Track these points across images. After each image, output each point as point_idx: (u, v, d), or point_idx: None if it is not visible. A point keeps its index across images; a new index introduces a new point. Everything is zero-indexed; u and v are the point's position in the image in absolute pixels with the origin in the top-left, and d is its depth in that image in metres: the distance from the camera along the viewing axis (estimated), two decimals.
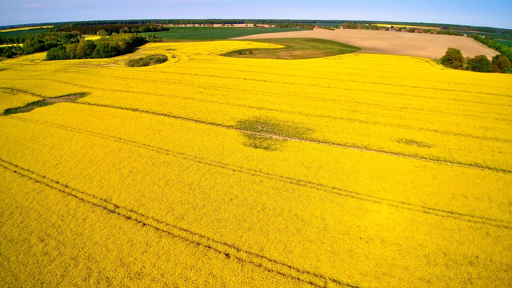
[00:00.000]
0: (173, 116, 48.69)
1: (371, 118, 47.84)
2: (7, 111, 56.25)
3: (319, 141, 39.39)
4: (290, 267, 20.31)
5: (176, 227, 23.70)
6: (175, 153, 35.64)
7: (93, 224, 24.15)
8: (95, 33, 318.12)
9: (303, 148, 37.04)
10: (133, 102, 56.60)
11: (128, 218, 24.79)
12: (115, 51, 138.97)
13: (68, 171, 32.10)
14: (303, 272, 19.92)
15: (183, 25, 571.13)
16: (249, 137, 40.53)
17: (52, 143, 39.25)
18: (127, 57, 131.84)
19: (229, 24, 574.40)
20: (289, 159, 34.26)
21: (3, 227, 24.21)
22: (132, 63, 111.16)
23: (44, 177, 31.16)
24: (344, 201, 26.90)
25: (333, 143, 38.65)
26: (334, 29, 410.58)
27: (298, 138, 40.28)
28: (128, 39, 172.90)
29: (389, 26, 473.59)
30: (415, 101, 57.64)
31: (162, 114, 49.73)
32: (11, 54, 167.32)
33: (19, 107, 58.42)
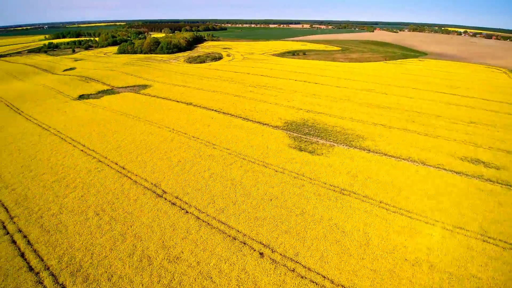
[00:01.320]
0: (223, 113, 50.41)
1: (432, 130, 43.39)
2: (81, 97, 64.36)
3: (369, 150, 37.05)
4: (324, 277, 19.47)
5: (215, 219, 24.45)
6: (221, 148, 36.84)
7: (143, 205, 26.23)
8: (161, 31, 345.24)
9: (351, 156, 35.23)
10: (188, 97, 60.12)
11: (173, 204, 26.37)
12: (176, 48, 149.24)
13: (127, 155, 35.41)
14: (338, 285, 18.93)
15: (240, 25, 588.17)
16: (294, 139, 39.97)
17: (115, 128, 43.74)
18: (186, 54, 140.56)
19: (285, 25, 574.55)
20: (334, 166, 32.89)
21: (66, 198, 27.69)
22: (190, 60, 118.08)
23: (105, 157, 34.90)
24: (391, 218, 24.86)
25: (385, 154, 36.00)
26: (397, 32, 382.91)
27: (346, 145, 38.44)
28: (189, 37, 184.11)
29: (461, 30, 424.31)
30: (486, 116, 50.67)
31: (212, 110, 51.84)
32: (88, 47, 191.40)
33: (90, 94, 66.37)
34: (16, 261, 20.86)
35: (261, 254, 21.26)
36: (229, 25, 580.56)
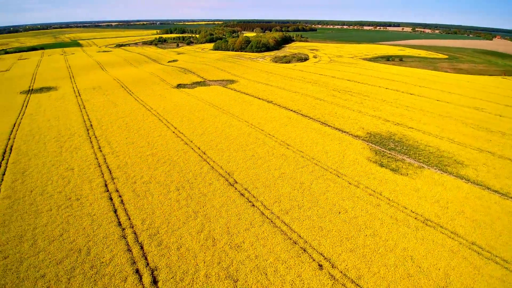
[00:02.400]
0: (301, 114, 49.97)
1: None
2: (179, 85, 73.06)
3: (468, 180, 31.19)
4: None
5: (279, 219, 24.52)
6: (294, 149, 36.63)
7: (216, 190, 28.25)
8: (252, 30, 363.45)
9: (443, 183, 30.31)
10: (269, 95, 61.77)
11: (242, 195, 27.57)
12: (265, 47, 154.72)
13: (208, 142, 38.67)
14: None
15: (331, 26, 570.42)
16: (376, 153, 36.70)
17: (202, 116, 48.24)
18: (273, 53, 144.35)
19: (381, 27, 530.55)
20: (421, 191, 28.87)
21: (156, 170, 31.88)
22: (276, 60, 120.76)
23: (191, 141, 38.89)
24: (482, 264, 20.43)
25: (489, 188, 29.71)
26: None
27: (439, 170, 33.25)
28: (278, 37, 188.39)
29: None
30: None
31: (291, 110, 51.93)
32: (189, 42, 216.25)
33: (186, 84, 74.69)
34: (110, 215, 25.19)
35: (320, 266, 20.34)
36: (320, 26, 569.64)
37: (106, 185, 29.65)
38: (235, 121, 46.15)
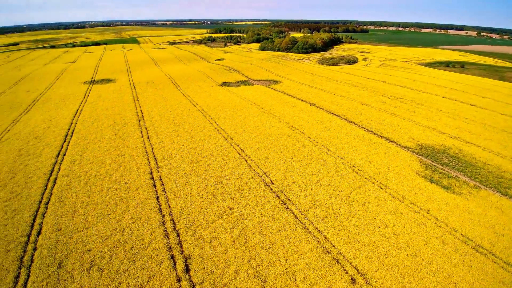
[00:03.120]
0: (345, 119, 48.05)
1: None
2: (223, 83, 75.14)
3: None
4: None
5: (313, 225, 23.89)
6: (335, 156, 35.36)
7: (251, 188, 28.50)
8: (300, 31, 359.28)
9: (501, 206, 26.81)
10: (312, 97, 60.51)
11: (277, 196, 27.43)
12: (311, 48, 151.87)
13: (248, 140, 39.18)
14: None
15: (385, 28, 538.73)
16: (426, 167, 33.78)
17: (244, 115, 49.03)
18: (320, 55, 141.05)
19: (442, 30, 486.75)
20: (474, 213, 25.88)
21: (196, 164, 33.17)
22: (323, 61, 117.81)
23: (231, 138, 39.77)
24: None
25: None
26: None
27: (498, 191, 29.47)
28: (325, 38, 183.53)
29: None
30: None
31: (334, 114, 50.24)
32: (236, 42, 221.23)
33: (231, 82, 76.51)
34: (152, 201, 26.84)
35: (353, 280, 19.34)
36: (372, 27, 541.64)
37: (151, 173, 31.72)
38: (276, 122, 46.06)
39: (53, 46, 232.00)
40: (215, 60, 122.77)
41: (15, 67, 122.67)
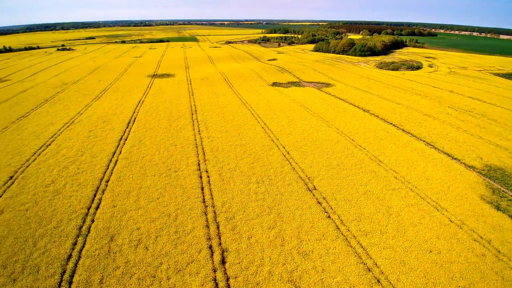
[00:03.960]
0: (402, 130, 44.44)
1: None
2: (274, 83, 75.32)
3: None
4: None
5: (355, 239, 22.61)
6: (387, 168, 32.94)
7: (293, 191, 28.10)
8: (358, 32, 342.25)
9: None
10: (366, 103, 57.25)
11: (319, 203, 26.58)
12: (370, 51, 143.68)
13: (294, 143, 38.70)
14: None
15: (457, 32, 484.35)
16: (493, 191, 29.53)
17: (292, 116, 48.55)
18: (379, 58, 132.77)
19: None
20: None
21: (241, 160, 33.81)
22: (382, 66, 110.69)
23: (277, 139, 39.70)
24: None
25: None
26: None
27: None
28: (387, 41, 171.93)
29: None
30: None
31: (390, 123, 46.80)
32: (290, 42, 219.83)
33: (281, 83, 76.33)
34: (197, 191, 28.12)
35: None
36: (442, 30, 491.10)
37: (199, 164, 33.32)
38: (325, 126, 44.65)
39: (123, 42, 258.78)
40: (268, 60, 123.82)
41: (91, 58, 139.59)
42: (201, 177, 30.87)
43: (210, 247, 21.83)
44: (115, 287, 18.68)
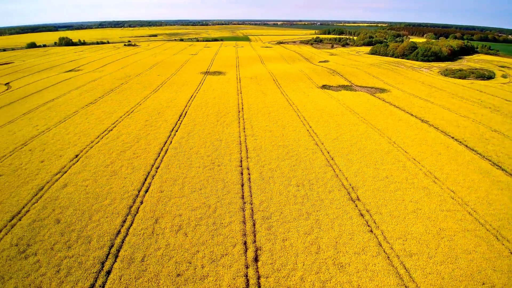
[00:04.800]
0: (465, 145, 39.74)
1: None
2: (323, 86, 73.22)
3: None
4: None
5: (398, 259, 20.86)
6: (443, 186, 29.74)
7: (334, 199, 26.99)
8: (422, 36, 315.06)
9: None
10: (426, 113, 52.41)
11: (361, 215, 25.13)
12: (434, 57, 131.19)
13: (340, 149, 37.17)
14: None
15: None
16: None
17: (339, 121, 46.69)
18: (444, 64, 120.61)
19: None
20: None
21: (283, 161, 33.52)
22: (447, 73, 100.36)
23: (322, 143, 38.54)
24: None
25: None
26: None
27: None
28: (455, 46, 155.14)
29: None
30: None
31: (452, 138, 42.15)
32: (344, 44, 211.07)
33: (331, 86, 73.86)
34: (237, 187, 28.69)
35: None
36: None
37: (241, 161, 33.98)
38: (375, 134, 42.02)
39: (181, 40, 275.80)
40: (319, 62, 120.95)
41: (152, 54, 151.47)
42: (242, 173, 31.44)
43: (245, 243, 22.12)
44: (155, 266, 20.02)
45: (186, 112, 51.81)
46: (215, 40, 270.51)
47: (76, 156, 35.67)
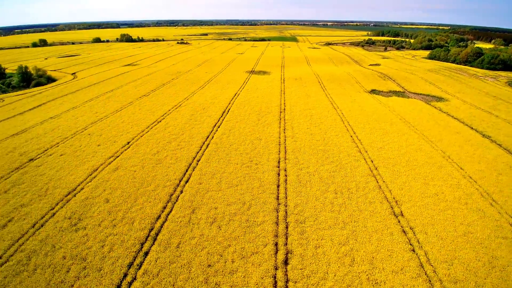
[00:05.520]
0: None
1: None
2: (372, 91, 69.40)
3: None
4: None
5: (440, 284, 18.92)
6: (501, 211, 26.18)
7: (374, 212, 25.46)
8: (489, 41, 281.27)
9: None
10: (488, 127, 46.65)
11: (404, 232, 23.32)
12: (502, 65, 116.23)
13: (385, 159, 34.89)
14: None
15: None
16: None
17: (387, 129, 43.85)
18: None
19: None
20: None
21: (322, 166, 32.49)
22: None
23: (366, 151, 36.58)
24: None
25: None
26: None
27: None
28: None
29: None
30: None
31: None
32: (399, 47, 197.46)
33: (381, 91, 69.68)
34: (273, 187, 28.51)
35: None
36: None
37: (278, 162, 33.84)
38: (427, 146, 38.63)
39: (230, 39, 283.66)
40: (369, 65, 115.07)
41: (201, 52, 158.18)
42: (279, 174, 31.27)
43: (276, 244, 21.97)
44: (188, 254, 20.90)
45: (229, 109, 53.14)
46: (262, 40, 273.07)
47: (128, 143, 38.81)
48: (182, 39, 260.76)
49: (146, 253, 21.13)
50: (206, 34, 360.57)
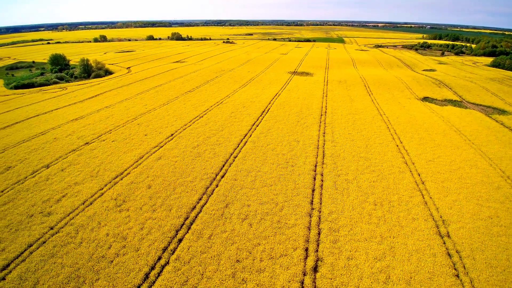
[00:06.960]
0: None
1: None
2: (425, 98, 64.29)
3: None
4: None
5: None
6: None
7: (416, 229, 23.54)
8: None
9: None
10: None
11: (448, 255, 21.21)
12: None
13: (434, 173, 32.03)
14: None
15: None
16: None
17: (439, 142, 40.19)
18: None
19: None
20: None
21: (362, 175, 30.90)
22: None
23: (413, 163, 33.95)
24: None
25: None
26: None
27: None
28: None
29: None
30: None
31: None
32: (458, 52, 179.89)
33: (435, 99, 64.19)
34: (308, 191, 27.86)
35: None
36: None
37: (315, 166, 33.03)
38: (483, 163, 34.67)
39: (274, 39, 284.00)
40: (423, 70, 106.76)
41: (245, 52, 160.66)
42: (315, 178, 30.52)
43: (306, 249, 21.49)
44: (218, 247, 21.40)
45: (269, 109, 53.23)
46: (307, 40, 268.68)
47: (172, 135, 41.01)
48: (227, 39, 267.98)
49: (180, 240, 22.12)
50: (251, 34, 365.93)
